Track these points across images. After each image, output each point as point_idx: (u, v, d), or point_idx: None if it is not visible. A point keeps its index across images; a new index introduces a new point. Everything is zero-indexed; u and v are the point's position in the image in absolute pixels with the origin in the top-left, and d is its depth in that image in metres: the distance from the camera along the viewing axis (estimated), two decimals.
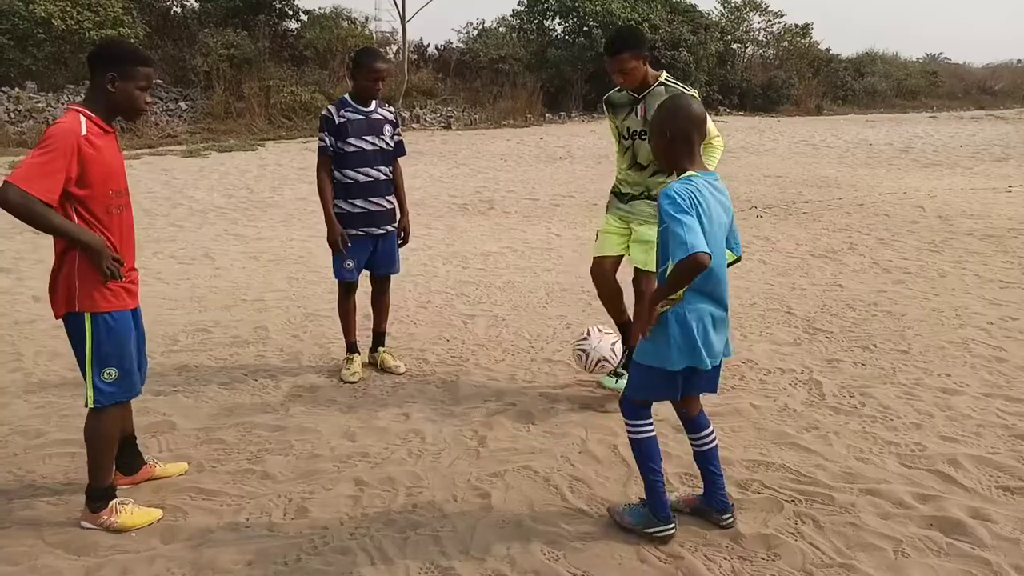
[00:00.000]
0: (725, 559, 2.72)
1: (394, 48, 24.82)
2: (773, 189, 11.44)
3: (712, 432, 2.91)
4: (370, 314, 4.64)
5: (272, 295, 6.03)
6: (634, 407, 2.81)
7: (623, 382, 3.99)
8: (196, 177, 12.05)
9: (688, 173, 2.64)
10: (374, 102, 4.28)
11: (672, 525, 2.80)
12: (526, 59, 25.10)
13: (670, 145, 2.67)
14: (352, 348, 4.48)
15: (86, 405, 2.83)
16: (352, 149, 4.18)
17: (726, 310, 2.76)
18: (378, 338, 4.61)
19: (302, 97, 18.96)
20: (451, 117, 22.33)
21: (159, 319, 5.40)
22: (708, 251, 2.45)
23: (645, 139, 3.90)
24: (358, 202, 4.24)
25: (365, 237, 4.30)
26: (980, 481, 3.24)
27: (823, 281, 6.45)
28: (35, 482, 3.22)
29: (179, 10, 21.94)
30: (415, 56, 25.09)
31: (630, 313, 4.19)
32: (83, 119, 2.68)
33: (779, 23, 33.57)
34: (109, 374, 2.80)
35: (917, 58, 43.23)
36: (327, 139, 4.17)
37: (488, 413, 3.91)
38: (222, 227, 8.60)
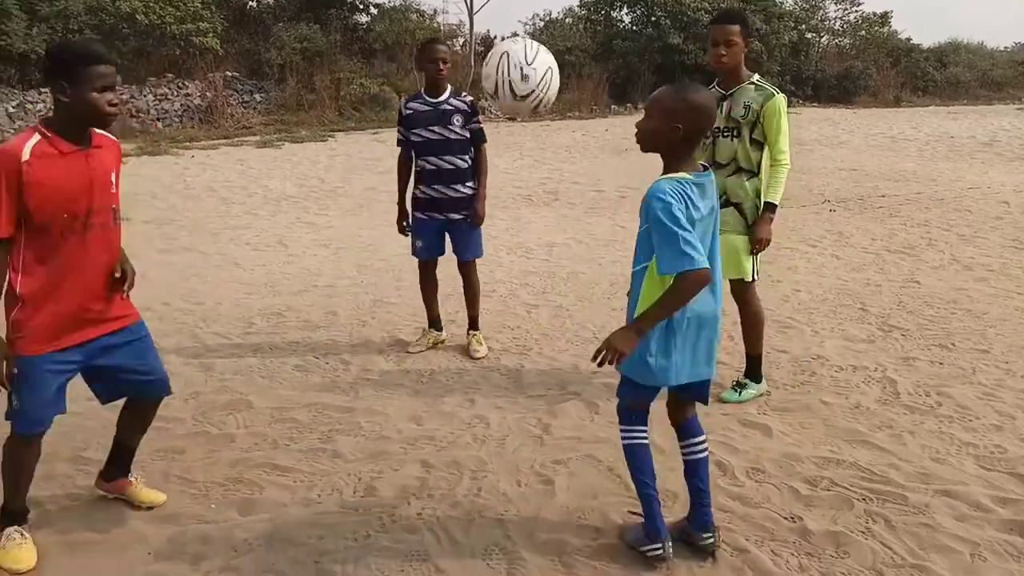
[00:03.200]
0: (792, 555, 2.69)
1: (461, 40, 25.00)
2: (847, 183, 11.10)
3: (704, 442, 2.71)
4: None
5: (342, 281, 6.19)
6: (626, 410, 2.67)
7: (748, 393, 3.97)
8: (270, 167, 12.41)
9: (680, 174, 2.43)
10: (447, 92, 4.41)
11: (659, 545, 2.58)
12: (592, 50, 24.92)
13: (676, 138, 2.41)
14: (432, 324, 4.73)
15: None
16: (417, 139, 4.41)
17: (715, 319, 2.56)
18: (470, 322, 4.74)
19: (371, 89, 19.28)
20: None
21: (236, 302, 5.61)
22: (706, 265, 2.33)
23: (727, 136, 3.84)
24: (424, 188, 4.46)
25: (430, 221, 4.50)
26: None
27: (899, 277, 6.25)
28: None
29: (255, 5, 22.56)
30: (482, 48, 25.18)
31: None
32: (34, 138, 2.46)
33: (856, 11, 32.39)
34: (14, 401, 2.57)
35: (1005, 47, 41.17)
36: (400, 131, 4.49)
37: (552, 401, 3.94)
38: (294, 215, 8.85)
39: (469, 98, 4.50)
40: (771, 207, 3.82)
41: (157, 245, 7.32)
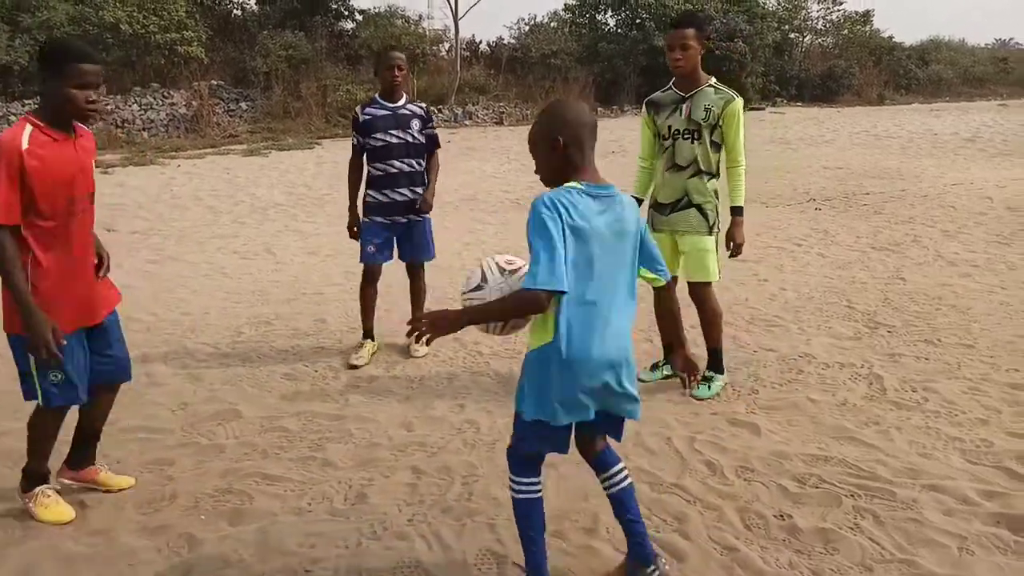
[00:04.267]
0: (782, 553, 2.71)
1: (446, 46, 25.01)
2: (832, 181, 11.18)
3: (623, 471, 2.50)
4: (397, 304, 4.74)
5: (330, 289, 6.18)
6: (520, 461, 2.42)
7: (716, 385, 4.03)
8: (257, 175, 12.37)
9: (569, 184, 2.24)
10: (404, 98, 4.52)
11: None
12: (578, 53, 24.99)
13: (559, 154, 2.25)
14: (367, 335, 4.70)
15: (38, 402, 2.83)
16: (378, 143, 4.46)
17: (619, 360, 2.27)
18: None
19: (357, 95, 19.25)
20: (503, 113, 22.39)
21: (224, 311, 5.59)
22: (557, 288, 2.09)
23: (688, 139, 3.92)
24: (385, 191, 4.52)
25: (391, 225, 4.56)
26: None
27: (885, 274, 6.30)
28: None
29: (239, 13, 22.51)
30: (467, 53, 25.21)
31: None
32: (28, 129, 2.60)
33: (839, 11, 32.69)
34: (56, 376, 2.76)
35: (985, 44, 41.69)
36: (356, 138, 4.53)
37: None
38: (282, 223, 8.83)
39: (423, 104, 4.62)
40: (739, 211, 3.93)
41: (144, 255, 7.28)
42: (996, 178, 11.08)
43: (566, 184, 2.25)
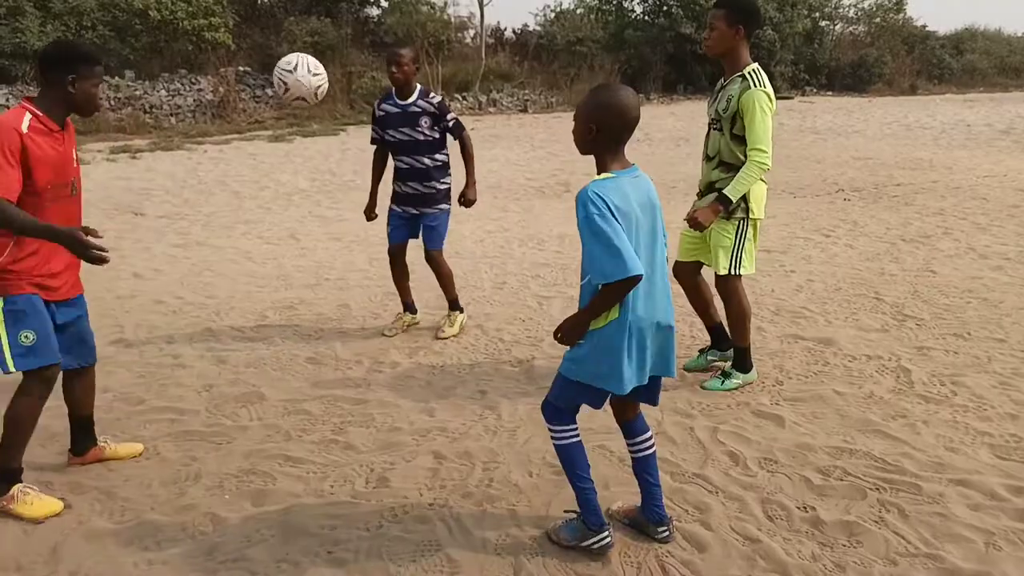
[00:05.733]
0: (804, 545, 2.68)
1: (472, 32, 24.98)
2: (862, 172, 11.01)
3: (650, 439, 2.70)
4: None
5: (354, 274, 6.20)
6: (557, 411, 2.63)
7: (732, 382, 3.93)
8: (282, 161, 12.45)
9: (604, 175, 2.39)
10: (416, 94, 4.54)
11: (606, 533, 2.62)
12: (604, 40, 24.81)
13: (595, 138, 2.41)
14: (407, 308, 4.93)
15: (5, 371, 2.81)
16: (390, 139, 4.63)
17: (668, 323, 2.52)
18: (449, 304, 4.89)
19: (382, 82, 19.29)
20: (527, 100, 22.31)
21: (249, 296, 5.64)
22: (640, 271, 2.28)
23: (716, 129, 3.78)
24: (400, 184, 4.70)
25: (403, 214, 4.74)
26: None
27: (914, 267, 6.19)
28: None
29: None
30: (492, 40, 25.14)
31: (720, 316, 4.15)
32: (27, 116, 2.72)
33: None
34: (27, 336, 2.77)
35: (1023, 33, 40.66)
36: (374, 131, 4.71)
37: None
38: (306, 209, 8.88)
39: (436, 99, 4.60)
40: (724, 200, 3.65)
41: (171, 240, 7.37)
42: None
43: (602, 175, 2.40)
